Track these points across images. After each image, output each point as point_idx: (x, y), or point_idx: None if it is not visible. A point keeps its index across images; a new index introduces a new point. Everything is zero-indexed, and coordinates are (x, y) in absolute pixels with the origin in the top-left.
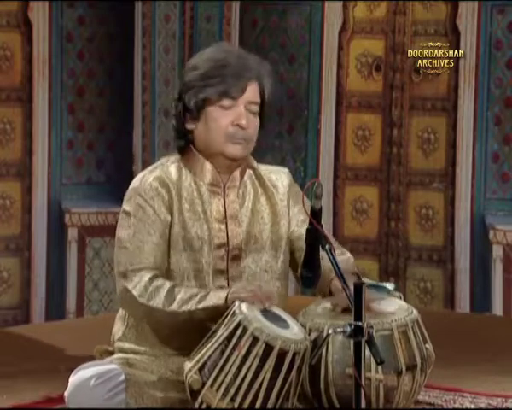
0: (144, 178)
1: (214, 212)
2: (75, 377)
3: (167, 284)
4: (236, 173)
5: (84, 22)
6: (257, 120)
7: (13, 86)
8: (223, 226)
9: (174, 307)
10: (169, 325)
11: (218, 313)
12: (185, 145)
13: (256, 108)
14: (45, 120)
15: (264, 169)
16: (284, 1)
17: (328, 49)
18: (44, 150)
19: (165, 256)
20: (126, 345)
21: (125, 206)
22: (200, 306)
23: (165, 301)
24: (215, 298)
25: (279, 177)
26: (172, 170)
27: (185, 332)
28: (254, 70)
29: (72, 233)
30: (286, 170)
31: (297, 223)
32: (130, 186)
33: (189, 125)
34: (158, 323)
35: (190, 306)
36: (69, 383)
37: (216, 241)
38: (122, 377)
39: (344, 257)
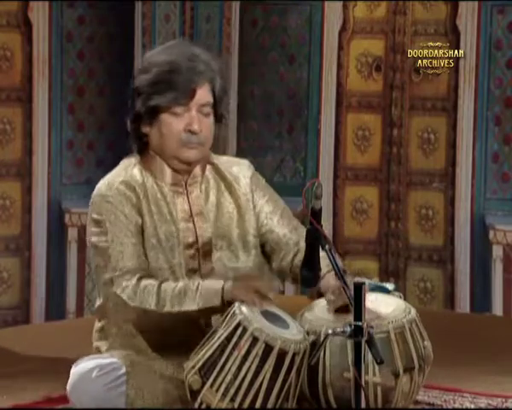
0: (110, 183)
1: (180, 211)
2: (77, 369)
3: (155, 284)
4: (197, 170)
5: (84, 22)
6: (209, 120)
7: (13, 86)
8: (190, 225)
9: (167, 308)
10: (164, 321)
11: (213, 309)
12: (143, 147)
13: (208, 109)
14: (45, 120)
15: (225, 162)
16: (284, 1)
17: (328, 49)
18: (44, 150)
19: (143, 256)
20: (117, 352)
21: (94, 214)
22: (194, 307)
23: (157, 302)
24: (209, 298)
25: (240, 170)
26: (136, 173)
27: (180, 330)
28: (204, 72)
29: (72, 233)
30: (247, 162)
31: (266, 215)
32: (96, 192)
33: (144, 129)
34: (152, 320)
35: (183, 306)
36: (71, 374)
37: (185, 241)
38: (123, 370)
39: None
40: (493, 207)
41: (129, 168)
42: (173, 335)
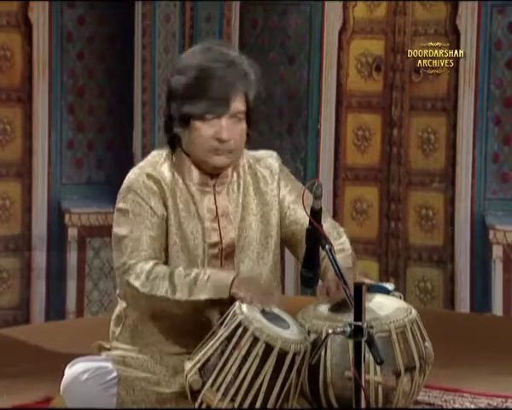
0: (138, 176)
1: (206, 211)
2: (70, 371)
3: (167, 270)
4: (226, 171)
5: (84, 22)
6: (241, 127)
7: (13, 86)
8: (215, 225)
9: (178, 295)
10: (173, 310)
11: (221, 301)
12: (174, 144)
13: (240, 116)
14: (45, 120)
15: (253, 156)
16: (284, 1)
17: (328, 49)
18: (44, 150)
19: (162, 250)
20: (123, 345)
21: (121, 204)
22: (203, 297)
23: (168, 288)
24: (219, 290)
25: (268, 164)
26: (165, 170)
27: (184, 328)
28: (239, 83)
29: (72, 233)
30: (274, 154)
31: (288, 206)
32: (124, 185)
33: (176, 129)
34: (162, 311)
35: (193, 294)
36: (64, 375)
37: (209, 240)
38: (114, 373)
39: (341, 254)
40: (493, 207)
41: (158, 164)
42: (183, 335)
